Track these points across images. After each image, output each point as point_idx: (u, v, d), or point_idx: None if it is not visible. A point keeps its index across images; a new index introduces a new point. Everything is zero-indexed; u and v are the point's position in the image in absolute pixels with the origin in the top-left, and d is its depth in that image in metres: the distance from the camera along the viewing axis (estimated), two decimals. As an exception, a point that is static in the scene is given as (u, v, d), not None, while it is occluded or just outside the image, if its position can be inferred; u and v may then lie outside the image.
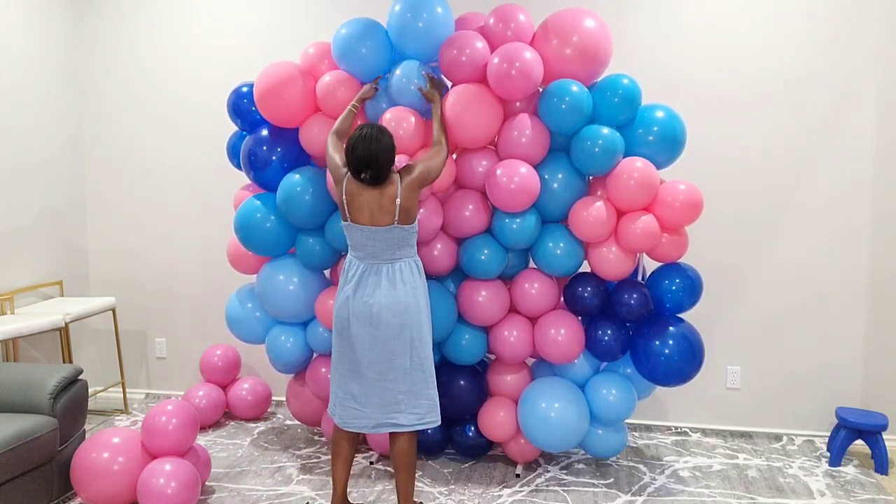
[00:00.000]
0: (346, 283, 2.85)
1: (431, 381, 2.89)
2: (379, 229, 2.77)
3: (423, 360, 2.85)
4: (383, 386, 2.83)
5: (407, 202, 2.75)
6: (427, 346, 2.86)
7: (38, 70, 4.17)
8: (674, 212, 3.08)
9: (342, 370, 2.90)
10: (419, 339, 2.82)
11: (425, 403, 2.86)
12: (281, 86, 3.19)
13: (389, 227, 2.76)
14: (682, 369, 3.17)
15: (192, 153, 4.38)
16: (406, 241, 2.82)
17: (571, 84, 3.04)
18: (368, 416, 2.86)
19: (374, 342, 2.80)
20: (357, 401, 2.87)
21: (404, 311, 2.78)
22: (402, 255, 2.82)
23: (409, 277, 2.82)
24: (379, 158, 2.68)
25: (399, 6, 3.15)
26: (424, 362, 2.85)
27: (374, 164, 2.68)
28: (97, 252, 4.60)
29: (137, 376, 4.62)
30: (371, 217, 2.76)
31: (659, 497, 3.19)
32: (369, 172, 2.69)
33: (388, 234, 2.77)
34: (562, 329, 3.18)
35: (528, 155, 3.13)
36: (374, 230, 2.77)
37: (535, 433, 3.22)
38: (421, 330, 2.83)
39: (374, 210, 2.75)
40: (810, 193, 3.78)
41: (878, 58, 3.66)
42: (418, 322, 2.82)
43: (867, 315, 3.79)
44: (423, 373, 2.86)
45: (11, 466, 2.77)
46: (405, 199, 2.74)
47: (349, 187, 2.78)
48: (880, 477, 3.43)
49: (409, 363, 2.83)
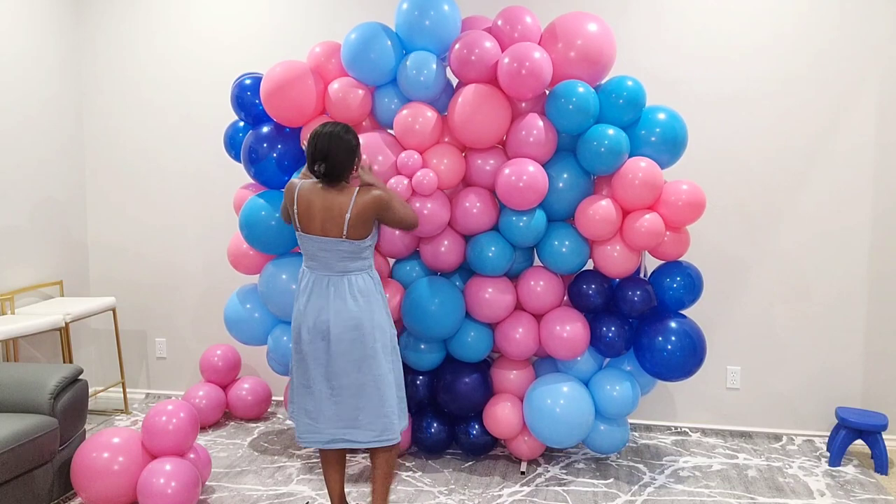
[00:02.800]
0: (299, 294, 2.76)
1: (389, 400, 2.74)
2: (329, 240, 2.67)
3: (378, 378, 2.71)
4: (338, 402, 2.73)
5: (356, 220, 2.64)
6: (382, 363, 2.72)
7: (39, 70, 4.17)
8: (677, 211, 3.14)
9: (296, 385, 2.81)
10: (373, 355, 2.70)
11: (381, 422, 2.73)
12: (288, 85, 3.20)
13: (338, 240, 2.67)
14: (683, 364, 3.22)
15: (193, 153, 4.38)
16: (358, 255, 2.71)
17: (578, 85, 3.08)
18: (322, 432, 2.77)
19: (327, 357, 2.70)
20: (310, 416, 2.78)
21: (356, 325, 2.67)
22: (355, 268, 2.71)
23: (363, 290, 2.70)
24: (338, 153, 2.62)
25: (406, 4, 3.18)
26: (380, 379, 2.71)
27: (329, 157, 2.61)
28: (97, 252, 4.60)
29: (137, 376, 4.62)
30: (322, 227, 2.67)
31: (659, 497, 3.19)
32: (324, 165, 2.62)
33: (338, 247, 2.67)
34: (567, 326, 3.21)
35: (536, 154, 3.18)
36: (324, 240, 2.68)
37: (541, 429, 3.26)
38: (375, 346, 2.70)
39: (325, 220, 2.66)
40: (811, 193, 3.78)
41: (879, 57, 3.66)
42: (372, 337, 2.69)
43: (867, 315, 3.79)
44: (379, 390, 2.72)
45: (11, 466, 2.76)
46: (355, 216, 2.64)
47: (302, 193, 2.70)
48: (880, 477, 3.43)
49: (364, 379, 2.71)
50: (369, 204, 2.66)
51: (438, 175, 3.17)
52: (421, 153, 3.22)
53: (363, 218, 2.66)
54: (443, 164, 3.19)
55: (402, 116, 3.21)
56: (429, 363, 3.42)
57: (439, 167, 3.18)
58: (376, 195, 2.68)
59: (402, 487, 3.27)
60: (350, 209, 2.63)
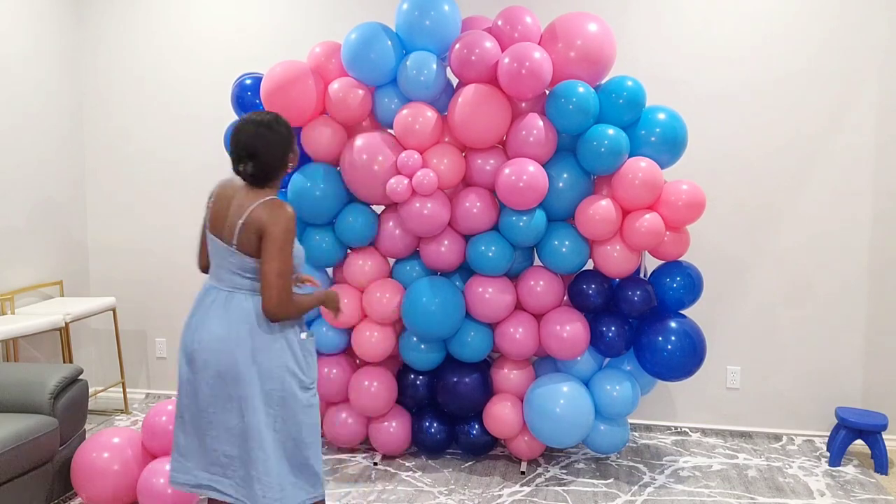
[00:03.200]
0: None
1: (278, 462, 2.20)
2: (220, 245, 2.23)
3: (257, 427, 2.18)
4: (202, 440, 2.26)
5: (247, 230, 2.15)
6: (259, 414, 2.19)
7: (39, 69, 4.17)
8: (677, 211, 3.15)
9: (174, 411, 2.36)
10: (250, 397, 2.18)
11: (261, 487, 2.17)
12: (289, 85, 3.20)
13: (228, 248, 2.21)
14: (684, 364, 3.22)
15: (193, 153, 4.37)
16: (245, 273, 2.21)
17: (578, 85, 3.08)
18: (190, 472, 2.29)
19: (191, 385, 2.25)
20: (179, 451, 2.31)
21: (225, 353, 2.17)
22: (245, 287, 2.22)
23: (246, 317, 2.19)
24: (268, 149, 2.16)
25: (406, 4, 3.18)
26: (262, 433, 2.18)
27: (258, 156, 2.16)
28: (97, 252, 4.60)
29: (137, 376, 4.62)
30: (221, 228, 2.23)
31: (659, 497, 3.19)
32: (250, 165, 2.16)
33: (228, 257, 2.21)
34: (567, 325, 3.22)
35: (536, 154, 3.18)
36: (216, 244, 2.25)
37: (541, 428, 3.26)
38: (253, 389, 2.18)
39: (222, 216, 2.22)
40: (811, 193, 3.78)
41: (878, 55, 3.66)
42: (250, 378, 2.18)
43: (867, 315, 3.79)
44: (261, 445, 2.17)
45: (11, 466, 2.76)
46: (245, 224, 2.15)
47: (222, 187, 2.29)
48: (880, 477, 3.43)
49: (237, 423, 2.20)
50: (260, 217, 2.13)
51: (438, 175, 3.17)
52: (421, 153, 3.22)
53: (252, 229, 2.15)
54: (443, 164, 3.19)
55: (402, 116, 3.21)
56: (429, 363, 3.42)
57: (439, 167, 3.18)
58: (274, 213, 2.12)
59: (402, 488, 3.27)
60: (245, 215, 2.14)
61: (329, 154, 3.34)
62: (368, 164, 3.20)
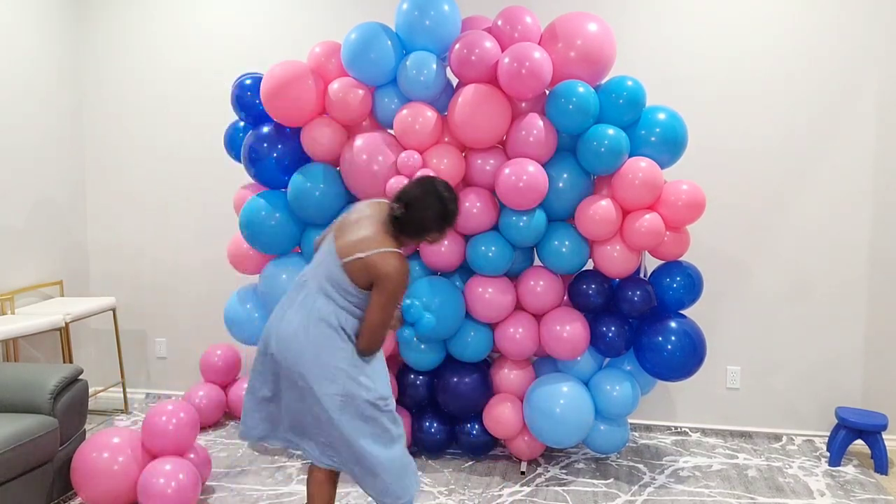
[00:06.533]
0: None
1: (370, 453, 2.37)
2: (335, 251, 2.38)
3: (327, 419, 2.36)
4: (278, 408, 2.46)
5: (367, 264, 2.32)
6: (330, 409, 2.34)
7: (39, 69, 4.17)
8: (677, 211, 3.15)
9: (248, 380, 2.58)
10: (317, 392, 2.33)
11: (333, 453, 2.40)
12: (289, 85, 3.20)
13: (338, 260, 2.36)
14: (684, 364, 3.23)
15: (193, 153, 4.37)
16: (338, 287, 2.35)
17: (578, 85, 3.08)
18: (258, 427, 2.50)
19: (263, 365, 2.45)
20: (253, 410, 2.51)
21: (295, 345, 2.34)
22: (328, 294, 2.37)
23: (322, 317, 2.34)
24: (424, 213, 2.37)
25: (406, 4, 3.19)
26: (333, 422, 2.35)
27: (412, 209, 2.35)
28: (97, 252, 4.60)
29: (137, 376, 4.62)
30: (341, 234, 2.41)
31: (659, 497, 3.19)
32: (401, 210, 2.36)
33: (334, 263, 2.37)
34: (567, 325, 3.22)
35: (536, 154, 3.18)
36: (331, 247, 2.40)
37: (541, 429, 3.26)
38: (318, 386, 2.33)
39: (348, 231, 2.40)
40: (811, 193, 3.78)
41: (878, 55, 3.66)
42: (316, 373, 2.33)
43: (867, 315, 3.79)
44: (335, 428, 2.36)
45: (11, 466, 2.76)
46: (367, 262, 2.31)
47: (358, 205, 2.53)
48: (880, 477, 3.43)
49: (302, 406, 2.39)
50: (377, 265, 2.30)
51: (438, 175, 3.16)
52: (421, 153, 3.22)
53: (366, 267, 2.32)
54: (443, 163, 3.19)
55: (402, 116, 3.21)
56: (429, 363, 3.42)
57: (439, 167, 3.18)
58: (394, 269, 2.30)
59: (402, 487, 3.27)
60: (367, 252, 2.32)
61: (329, 154, 3.34)
62: (368, 164, 3.20)
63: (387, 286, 2.30)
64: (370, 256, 2.31)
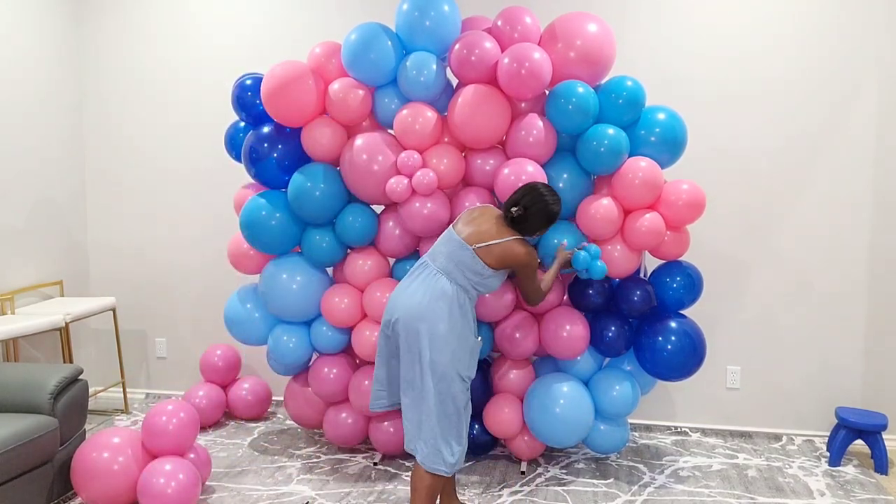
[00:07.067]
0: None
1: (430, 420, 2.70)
2: (460, 240, 2.77)
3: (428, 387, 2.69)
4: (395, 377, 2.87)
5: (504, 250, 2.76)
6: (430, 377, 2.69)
7: (39, 69, 4.17)
8: (677, 211, 3.15)
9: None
10: (425, 359, 2.68)
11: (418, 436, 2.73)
12: (289, 85, 3.20)
13: (466, 246, 2.75)
14: (684, 364, 3.23)
15: (193, 153, 4.38)
16: (466, 270, 2.76)
17: (578, 85, 3.08)
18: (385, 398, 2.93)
19: (387, 337, 2.84)
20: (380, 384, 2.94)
21: (416, 318, 2.70)
22: (450, 273, 2.75)
23: (443, 294, 2.72)
24: (537, 215, 2.79)
25: (406, 5, 3.18)
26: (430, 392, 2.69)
27: (529, 211, 2.78)
28: (97, 252, 4.60)
29: (137, 376, 4.62)
30: (464, 227, 2.82)
31: (659, 497, 3.19)
32: (519, 212, 2.78)
33: (460, 249, 2.76)
34: (567, 325, 3.21)
35: (536, 154, 3.18)
36: (455, 236, 2.79)
37: (541, 428, 3.26)
38: (429, 353, 2.68)
39: (473, 223, 2.82)
40: (811, 193, 3.78)
41: (879, 55, 3.66)
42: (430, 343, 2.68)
43: (867, 315, 3.79)
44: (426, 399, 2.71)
45: (11, 466, 2.76)
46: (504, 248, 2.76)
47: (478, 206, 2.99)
48: (880, 477, 3.43)
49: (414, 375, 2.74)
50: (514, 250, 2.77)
51: (438, 175, 3.17)
52: (421, 153, 3.22)
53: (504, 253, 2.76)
54: (443, 164, 3.19)
55: (402, 116, 3.21)
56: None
57: (439, 167, 3.19)
58: (527, 250, 2.80)
59: (403, 487, 3.27)
60: (502, 240, 2.77)
61: (329, 154, 3.34)
62: (368, 164, 3.20)
63: (530, 262, 2.82)
64: (505, 242, 2.76)
